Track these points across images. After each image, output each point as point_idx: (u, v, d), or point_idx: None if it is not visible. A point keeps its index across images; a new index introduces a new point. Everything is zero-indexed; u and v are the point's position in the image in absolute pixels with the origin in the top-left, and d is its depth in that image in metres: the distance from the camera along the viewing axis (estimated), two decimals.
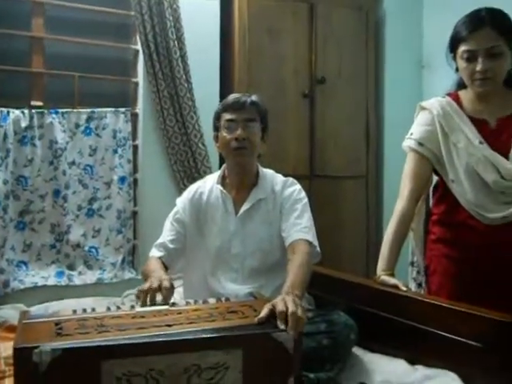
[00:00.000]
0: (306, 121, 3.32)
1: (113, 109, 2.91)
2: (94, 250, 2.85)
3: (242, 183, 1.99)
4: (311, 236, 1.87)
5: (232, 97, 2.01)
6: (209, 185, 2.05)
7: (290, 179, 2.04)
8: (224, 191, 1.99)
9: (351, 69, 3.47)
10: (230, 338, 1.33)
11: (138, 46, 2.96)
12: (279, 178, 2.04)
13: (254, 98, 1.98)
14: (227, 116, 1.94)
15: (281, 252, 1.93)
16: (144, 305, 1.60)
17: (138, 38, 2.93)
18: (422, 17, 3.69)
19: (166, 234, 2.01)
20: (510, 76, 1.82)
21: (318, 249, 1.90)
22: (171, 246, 1.97)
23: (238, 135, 1.90)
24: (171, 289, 1.66)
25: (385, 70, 3.64)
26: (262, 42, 3.18)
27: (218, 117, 1.99)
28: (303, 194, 2.00)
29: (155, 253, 1.97)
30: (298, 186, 2.01)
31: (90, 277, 2.81)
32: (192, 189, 2.09)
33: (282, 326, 1.35)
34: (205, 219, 2.01)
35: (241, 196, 1.98)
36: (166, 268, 1.91)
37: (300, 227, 1.87)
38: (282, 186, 1.99)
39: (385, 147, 3.57)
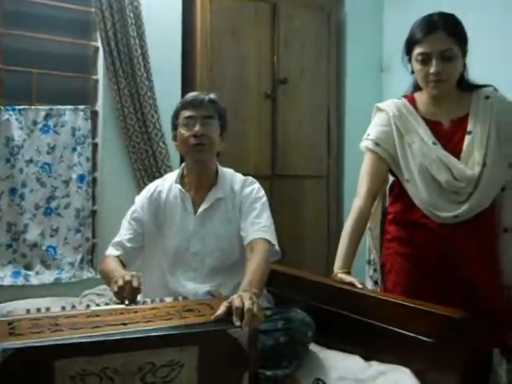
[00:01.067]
0: (268, 121, 3.35)
1: (72, 106, 2.88)
2: (51, 250, 2.82)
3: (200, 182, 2.00)
4: (270, 235, 1.88)
5: (190, 95, 2.01)
6: (168, 183, 2.04)
7: (250, 178, 2.05)
8: (183, 190, 1.99)
9: (313, 70, 3.52)
10: (185, 336, 1.33)
11: (99, 43, 2.94)
12: (239, 177, 2.05)
13: (212, 96, 1.99)
14: (186, 113, 1.94)
15: (240, 251, 1.94)
16: (121, 302, 1.58)
17: (98, 34, 2.91)
18: (383, 20, 3.78)
19: (124, 233, 1.99)
20: (463, 78, 1.88)
21: (277, 247, 1.91)
22: (129, 244, 1.96)
23: (197, 131, 1.90)
24: (138, 288, 1.64)
25: (346, 71, 3.71)
26: (224, 41, 3.20)
27: (176, 115, 1.99)
28: (262, 192, 2.01)
29: (112, 251, 1.95)
30: (257, 185, 2.02)
31: (48, 277, 2.78)
32: (151, 187, 2.08)
33: (238, 323, 1.36)
34: (163, 218, 2.00)
35: (200, 195, 1.98)
36: (124, 267, 1.90)
37: (259, 226, 1.89)
38: (241, 185, 2.00)
39: (345, 148, 3.63)
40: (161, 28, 3.03)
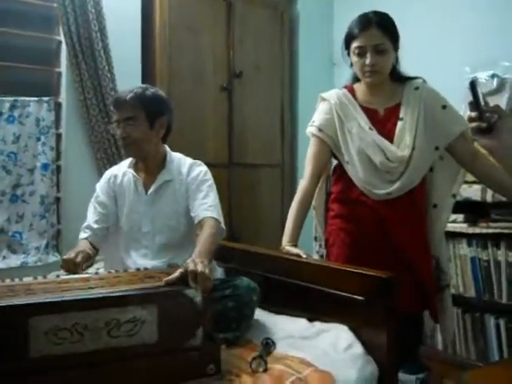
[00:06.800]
0: (225, 112, 3.52)
1: (36, 98, 2.98)
2: (17, 235, 2.92)
3: (148, 168, 2.15)
4: (216, 213, 2.03)
5: (115, 95, 2.18)
6: (122, 169, 2.21)
7: (198, 162, 2.20)
8: (135, 174, 2.15)
9: (267, 64, 3.70)
10: (146, 295, 1.52)
11: (61, 37, 3.04)
12: (188, 160, 2.19)
13: (135, 91, 2.05)
14: (114, 116, 2.12)
15: (187, 229, 2.10)
16: (67, 273, 1.77)
17: (60, 29, 3.01)
18: (333, 18, 4.00)
19: (90, 217, 2.15)
20: (395, 70, 2.09)
21: (223, 225, 2.05)
22: (96, 226, 2.11)
23: (120, 135, 2.06)
24: (83, 261, 1.88)
25: (299, 66, 3.92)
26: (182, 36, 3.33)
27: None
28: (209, 175, 2.16)
29: (81, 235, 2.10)
30: (204, 168, 2.17)
31: (15, 261, 2.88)
32: (108, 174, 2.24)
33: (193, 284, 1.54)
34: (119, 200, 2.17)
35: (150, 178, 2.14)
36: (94, 248, 2.05)
37: (206, 206, 2.04)
38: (189, 168, 2.15)
39: (298, 138, 3.82)
40: (121, 23, 3.15)
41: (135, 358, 1.48)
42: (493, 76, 2.91)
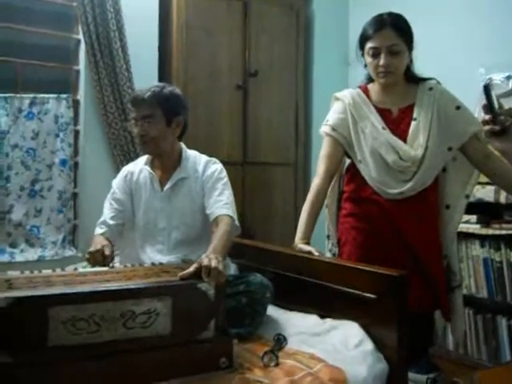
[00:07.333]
0: (240, 111, 3.55)
1: (55, 95, 3.04)
2: (35, 229, 2.99)
3: (163, 165, 2.19)
4: (231, 211, 2.06)
5: (133, 93, 2.19)
6: (139, 166, 2.24)
7: (213, 159, 2.23)
8: (151, 171, 2.18)
9: (282, 64, 3.73)
10: (160, 288, 1.55)
11: (80, 36, 3.10)
12: (203, 158, 2.22)
13: (153, 90, 2.08)
14: (131, 113, 2.15)
15: (202, 225, 2.13)
16: (93, 266, 1.81)
17: (79, 27, 3.07)
18: (348, 18, 4.01)
19: (106, 213, 2.18)
20: (409, 71, 2.11)
21: (237, 222, 2.09)
22: (112, 222, 2.14)
23: (138, 133, 2.10)
24: (111, 254, 1.88)
25: (313, 65, 3.93)
26: (198, 37, 3.37)
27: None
28: (224, 173, 2.19)
29: (97, 231, 2.13)
30: (219, 166, 2.20)
31: (32, 254, 2.95)
32: (124, 170, 2.28)
33: (206, 279, 1.58)
34: (135, 197, 2.20)
35: (165, 176, 2.17)
36: (110, 242, 2.06)
37: (221, 204, 2.07)
38: (204, 166, 2.18)
39: (312, 137, 3.83)
40: (139, 22, 3.21)
41: (149, 348, 1.51)
42: (508, 77, 2.91)
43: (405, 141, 2.05)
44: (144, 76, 3.16)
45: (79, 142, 3.16)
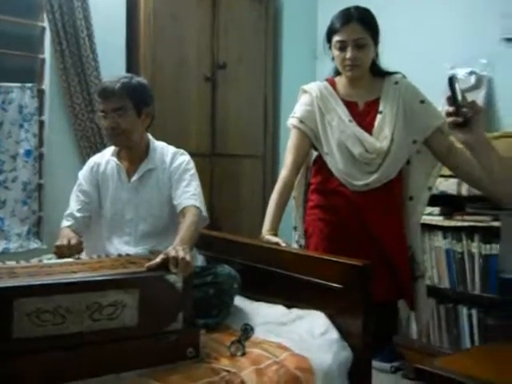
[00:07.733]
0: (208, 103, 3.55)
1: (19, 84, 2.97)
2: None
3: (131, 156, 2.17)
4: (199, 202, 2.06)
5: (101, 85, 2.15)
6: (106, 157, 2.22)
7: (181, 151, 2.22)
8: (118, 162, 2.17)
9: (251, 56, 3.74)
10: (127, 280, 1.55)
11: (46, 24, 3.04)
12: (171, 149, 2.22)
13: (122, 81, 2.05)
14: (100, 106, 2.10)
15: (169, 217, 2.13)
16: (60, 258, 1.80)
17: (45, 15, 3.01)
18: (317, 12, 4.04)
19: (73, 205, 2.16)
20: (375, 65, 2.14)
21: (205, 213, 2.09)
22: (78, 214, 2.13)
23: (108, 125, 2.07)
24: (79, 244, 1.87)
25: (282, 58, 3.96)
26: (166, 25, 3.34)
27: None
28: (192, 164, 2.18)
29: (64, 223, 2.11)
30: (187, 157, 2.20)
31: None
32: (91, 161, 2.26)
33: (174, 270, 1.58)
34: (102, 188, 2.18)
35: (132, 167, 2.16)
36: (77, 234, 2.04)
37: (189, 194, 2.07)
38: (172, 158, 2.17)
39: (281, 129, 3.86)
40: (106, 10, 3.16)
41: (116, 340, 1.51)
42: (471, 73, 2.99)
43: (370, 133, 2.08)
44: (111, 65, 3.13)
45: (44, 132, 3.10)
